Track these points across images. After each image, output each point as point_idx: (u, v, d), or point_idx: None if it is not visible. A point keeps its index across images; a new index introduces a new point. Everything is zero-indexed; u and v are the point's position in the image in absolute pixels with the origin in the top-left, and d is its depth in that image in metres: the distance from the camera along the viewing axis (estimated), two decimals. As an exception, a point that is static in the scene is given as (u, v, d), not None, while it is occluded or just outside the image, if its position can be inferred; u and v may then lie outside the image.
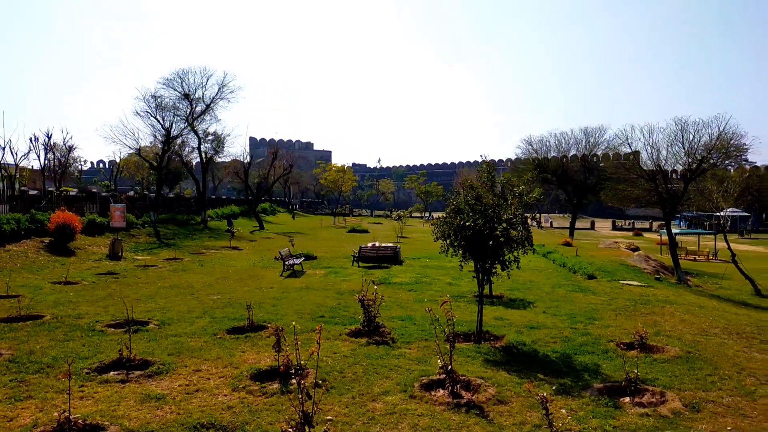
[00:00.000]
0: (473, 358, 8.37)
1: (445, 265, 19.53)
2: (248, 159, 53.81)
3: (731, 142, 25.84)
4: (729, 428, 5.79)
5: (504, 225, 9.09)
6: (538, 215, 13.97)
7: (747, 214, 60.40)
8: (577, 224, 51.62)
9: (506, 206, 9.49)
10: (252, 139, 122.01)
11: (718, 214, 46.37)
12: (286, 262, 18.27)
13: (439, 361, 7.02)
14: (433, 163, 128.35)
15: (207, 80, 42.30)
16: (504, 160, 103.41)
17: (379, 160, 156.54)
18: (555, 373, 7.71)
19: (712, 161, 24.26)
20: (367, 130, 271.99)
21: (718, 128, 23.83)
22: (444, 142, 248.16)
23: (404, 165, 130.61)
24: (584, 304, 13.19)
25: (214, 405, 6.39)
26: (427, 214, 71.89)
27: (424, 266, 20.59)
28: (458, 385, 6.98)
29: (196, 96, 42.04)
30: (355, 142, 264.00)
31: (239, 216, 51.07)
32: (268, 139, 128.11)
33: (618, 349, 8.76)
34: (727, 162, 30.42)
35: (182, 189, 71.90)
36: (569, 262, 21.82)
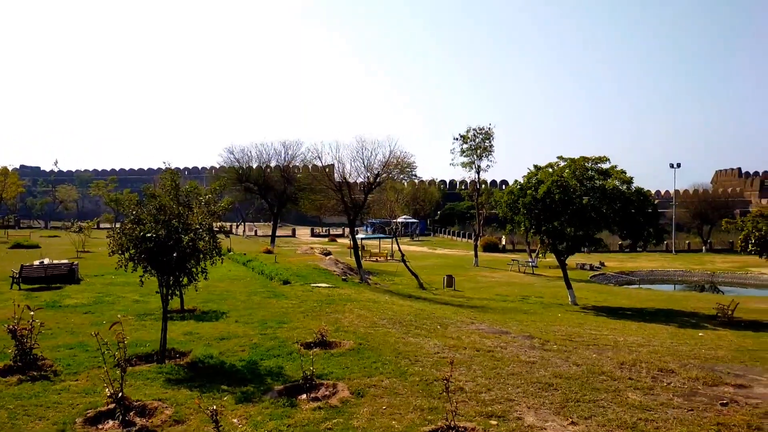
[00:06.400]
0: (153, 379, 7.78)
1: (134, 280, 17.80)
2: None
3: (403, 160, 30.55)
4: (384, 408, 6.67)
5: (191, 235, 8.78)
6: (228, 225, 13.97)
7: (415, 220, 72.20)
8: (280, 232, 53.80)
9: (192, 215, 9.17)
10: None
11: (394, 220, 54.24)
12: None
13: (107, 390, 6.29)
14: (126, 168, 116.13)
15: None
16: (208, 167, 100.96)
17: (56, 163, 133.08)
18: (239, 381, 7.72)
19: (385, 175, 28.12)
20: (41, 127, 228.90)
21: (390, 147, 27.88)
22: (140, 145, 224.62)
23: (90, 169, 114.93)
24: (276, 309, 13.68)
25: None
26: (118, 225, 64.24)
27: (109, 283, 18.44)
28: (132, 412, 6.39)
29: None
30: (25, 140, 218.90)
31: None
32: None
33: (301, 349, 9.25)
34: (401, 176, 35.90)
35: None
36: (267, 269, 22.44)
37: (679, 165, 59.00)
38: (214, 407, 4.77)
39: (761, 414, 6.69)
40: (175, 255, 8.59)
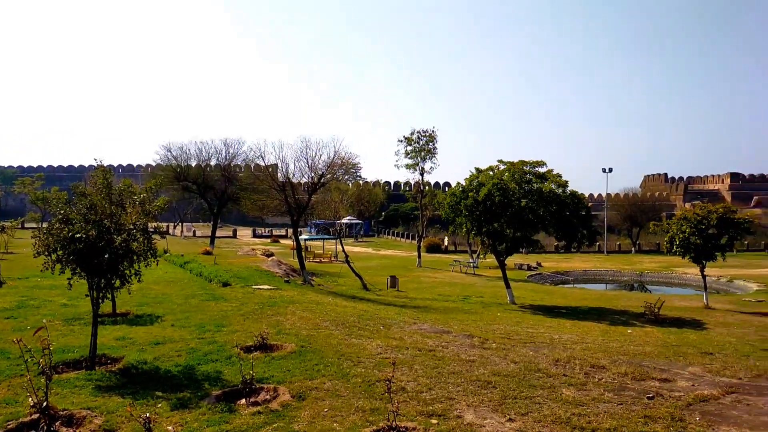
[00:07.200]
0: (82, 387, 7.38)
1: (62, 283, 16.86)
2: None
3: (348, 161, 30.48)
4: (326, 410, 6.61)
5: (124, 236, 8.41)
6: (164, 226, 13.52)
7: (359, 221, 72.23)
8: (220, 233, 52.43)
9: (126, 215, 8.80)
10: None
11: (338, 221, 54.18)
12: None
13: (30, 399, 5.92)
14: (55, 165, 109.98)
15: None
16: (143, 165, 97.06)
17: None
18: (175, 387, 7.45)
19: (329, 176, 27.98)
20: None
21: (335, 148, 27.77)
22: (70, 141, 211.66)
23: (15, 165, 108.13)
24: (215, 312, 13.31)
25: None
26: (45, 225, 60.42)
27: (34, 286, 17.36)
28: (57, 422, 6.04)
29: None
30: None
31: None
32: None
33: (241, 353, 9.07)
34: (346, 177, 35.83)
35: None
36: (206, 271, 21.81)
37: (611, 170, 62.01)
38: (148, 414, 4.58)
39: (683, 406, 7.10)
40: (106, 256, 8.19)
